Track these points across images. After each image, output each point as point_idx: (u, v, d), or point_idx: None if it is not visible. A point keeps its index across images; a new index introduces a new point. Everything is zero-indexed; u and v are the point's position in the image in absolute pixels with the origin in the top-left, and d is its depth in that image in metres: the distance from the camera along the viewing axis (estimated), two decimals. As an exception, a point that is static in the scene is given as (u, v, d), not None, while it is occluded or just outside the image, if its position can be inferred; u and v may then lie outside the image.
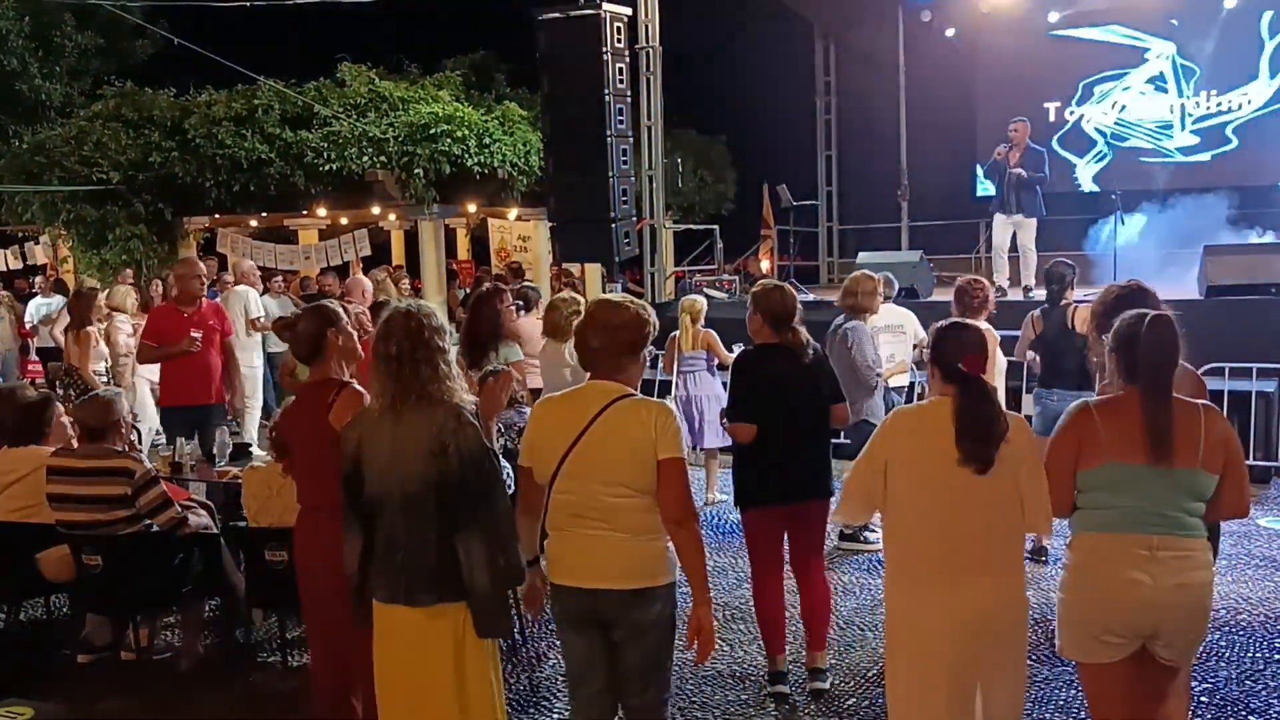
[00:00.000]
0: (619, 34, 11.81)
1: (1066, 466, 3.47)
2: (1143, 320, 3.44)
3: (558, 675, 5.31)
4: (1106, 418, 3.43)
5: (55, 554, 5.36)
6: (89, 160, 16.92)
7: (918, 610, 3.44)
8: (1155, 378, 3.39)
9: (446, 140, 16.22)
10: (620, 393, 3.49)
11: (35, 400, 5.82)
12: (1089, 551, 3.47)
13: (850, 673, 5.27)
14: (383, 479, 3.47)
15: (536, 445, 3.56)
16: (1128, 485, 3.39)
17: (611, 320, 3.54)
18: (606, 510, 3.42)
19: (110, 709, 5.06)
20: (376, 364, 3.51)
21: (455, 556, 3.38)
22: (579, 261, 16.02)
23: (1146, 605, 3.37)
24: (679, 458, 3.42)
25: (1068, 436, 3.49)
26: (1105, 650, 3.44)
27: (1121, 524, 3.40)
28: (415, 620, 3.46)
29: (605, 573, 3.43)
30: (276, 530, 4.99)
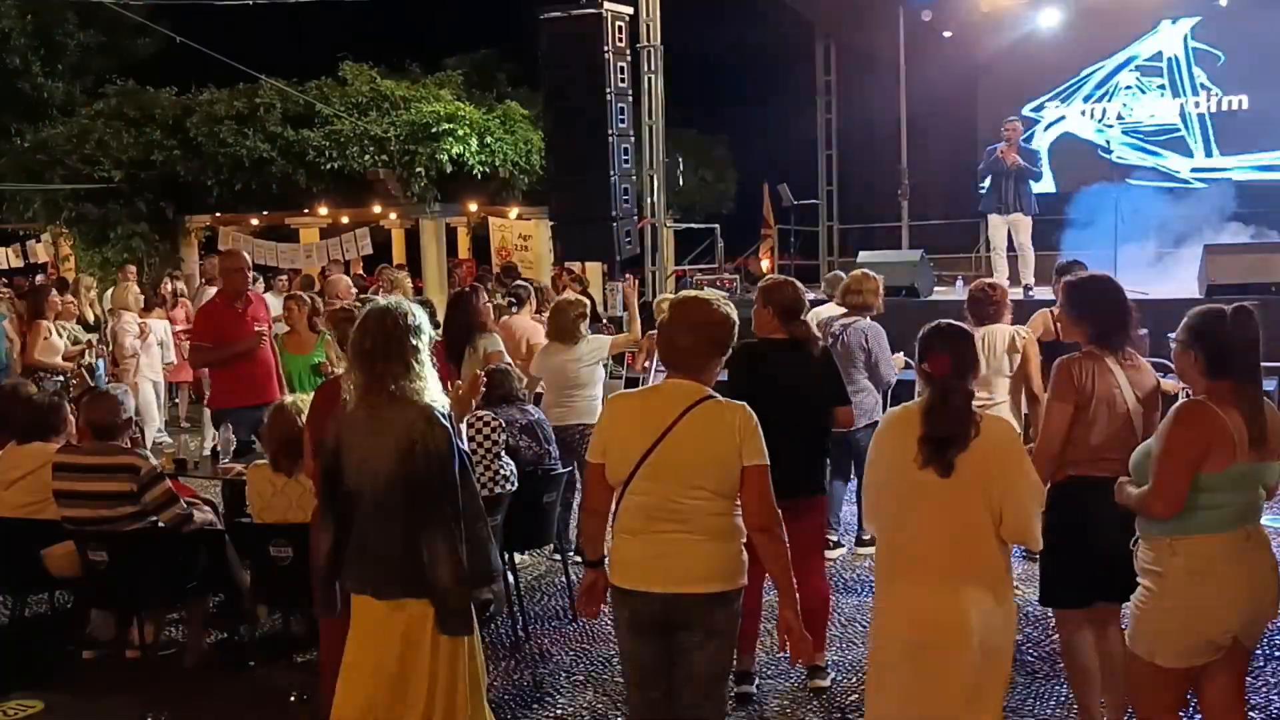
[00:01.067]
0: (620, 33, 11.83)
1: (1191, 467, 3.32)
2: (1223, 314, 3.41)
3: (561, 671, 5.34)
4: (1230, 416, 3.33)
5: (61, 550, 5.37)
6: (91, 158, 16.96)
7: (885, 607, 3.47)
8: (1251, 370, 3.37)
9: (448, 139, 16.26)
10: (702, 394, 3.42)
11: (47, 400, 5.84)
12: (1208, 554, 3.35)
13: (853, 669, 5.28)
14: (358, 474, 3.52)
15: (612, 444, 3.48)
16: (1244, 483, 3.37)
17: (705, 319, 3.48)
18: (687, 513, 3.35)
19: (115, 705, 5.07)
20: (352, 358, 3.56)
21: (420, 553, 3.42)
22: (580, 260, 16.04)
23: (1255, 595, 3.39)
24: (765, 464, 3.37)
25: (1196, 436, 3.33)
26: (1211, 652, 3.40)
27: (1233, 521, 3.37)
28: (379, 612, 3.52)
29: (684, 576, 3.36)
30: (281, 526, 5.01)
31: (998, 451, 3.31)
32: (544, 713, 4.92)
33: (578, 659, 5.49)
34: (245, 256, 7.58)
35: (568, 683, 5.22)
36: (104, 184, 16.98)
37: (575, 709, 4.93)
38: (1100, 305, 4.11)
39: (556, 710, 4.93)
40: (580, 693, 5.10)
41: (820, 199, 17.80)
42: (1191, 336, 3.45)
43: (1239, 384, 3.35)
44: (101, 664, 5.53)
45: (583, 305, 7.00)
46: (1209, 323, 3.42)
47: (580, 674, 5.31)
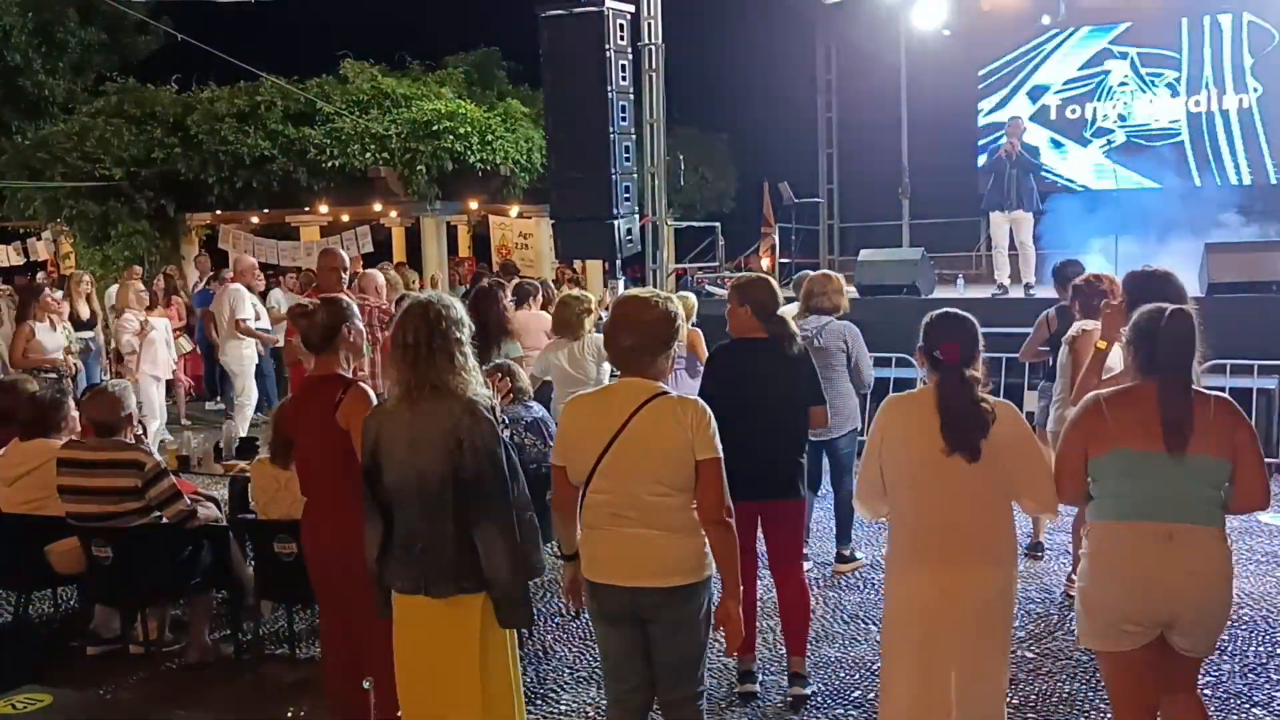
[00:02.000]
0: (622, 31, 11.82)
1: (1077, 455, 3.51)
2: (1162, 314, 3.47)
3: (565, 668, 5.35)
4: (1115, 407, 3.46)
5: (65, 546, 5.39)
6: (91, 156, 16.96)
7: (908, 590, 3.57)
8: (1175, 371, 3.42)
9: (449, 137, 16.26)
10: (654, 390, 3.44)
11: (50, 396, 5.85)
12: (1105, 539, 3.49)
13: (855, 665, 5.31)
14: (400, 470, 3.50)
15: (570, 444, 3.53)
16: (1140, 472, 3.42)
17: (643, 317, 3.50)
18: (645, 509, 3.39)
19: (120, 700, 5.08)
20: (394, 352, 3.53)
21: (473, 548, 3.41)
22: (581, 258, 16.05)
23: (1162, 592, 3.39)
24: (717, 457, 3.39)
25: (1078, 427, 3.53)
26: (1123, 639, 3.46)
27: (1136, 511, 3.43)
28: (435, 610, 3.50)
29: (645, 571, 3.41)
30: (286, 522, 5.02)
31: (1013, 433, 3.49)
32: (548, 709, 4.93)
33: (580, 656, 5.50)
34: (342, 255, 7.43)
35: (571, 679, 5.23)
36: (105, 182, 16.97)
37: (579, 705, 4.95)
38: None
39: (560, 706, 4.95)
40: (583, 689, 5.11)
41: (821, 197, 17.82)
42: (1133, 333, 3.56)
43: (1163, 384, 3.42)
44: (106, 660, 5.54)
45: (586, 300, 7.00)
46: (1147, 323, 3.51)
47: (583, 670, 5.32)
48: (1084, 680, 5.01)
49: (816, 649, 5.48)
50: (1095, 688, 4.91)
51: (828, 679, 5.15)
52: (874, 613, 5.99)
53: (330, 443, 3.97)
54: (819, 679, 5.13)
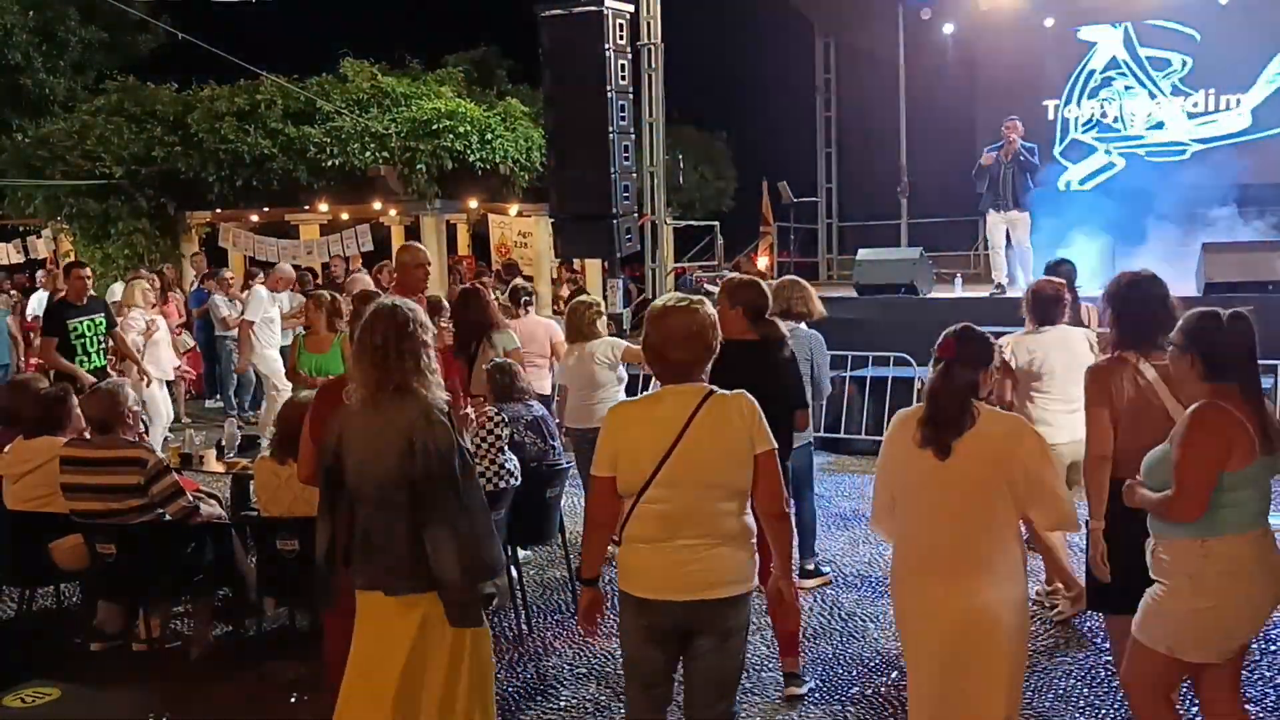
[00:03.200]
0: (621, 31, 11.88)
1: (1215, 469, 3.36)
2: (1219, 318, 3.46)
3: (564, 665, 5.39)
4: (1246, 415, 3.38)
5: (68, 543, 5.42)
6: (92, 154, 16.99)
7: (906, 601, 3.58)
8: (1252, 373, 3.44)
9: (449, 136, 16.29)
10: (704, 391, 3.40)
11: (54, 394, 5.89)
12: (1236, 556, 3.39)
13: (853, 662, 5.35)
14: (360, 471, 3.56)
15: (623, 453, 3.41)
16: (1260, 480, 3.42)
17: (695, 327, 3.43)
18: (706, 518, 3.34)
19: (122, 697, 5.11)
20: (361, 353, 3.57)
21: (424, 549, 3.46)
22: (580, 257, 16.09)
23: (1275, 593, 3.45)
24: (774, 448, 3.39)
25: (1218, 438, 3.37)
26: (1239, 647, 3.48)
27: (1255, 520, 3.43)
28: (389, 607, 3.56)
29: (707, 583, 3.35)
30: (288, 519, 5.06)
31: (1008, 444, 3.39)
32: (548, 705, 4.97)
33: (580, 653, 5.54)
34: (426, 252, 7.08)
35: (571, 676, 5.27)
36: (105, 180, 17.00)
37: (579, 701, 4.98)
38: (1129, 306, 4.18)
39: (560, 703, 4.98)
40: (583, 685, 5.15)
41: (819, 196, 17.87)
42: (1188, 340, 3.49)
43: (1242, 386, 3.41)
44: (109, 656, 5.58)
45: (597, 305, 7.09)
46: (1206, 327, 3.47)
47: (583, 667, 5.36)
48: (1079, 678, 5.06)
49: (814, 646, 5.53)
50: (1090, 684, 4.95)
51: (825, 675, 5.18)
52: (871, 610, 6.03)
53: None
54: (817, 675, 5.17)
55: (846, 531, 7.62)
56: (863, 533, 7.54)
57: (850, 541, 7.38)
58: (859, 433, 10.18)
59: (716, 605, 3.37)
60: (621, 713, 4.83)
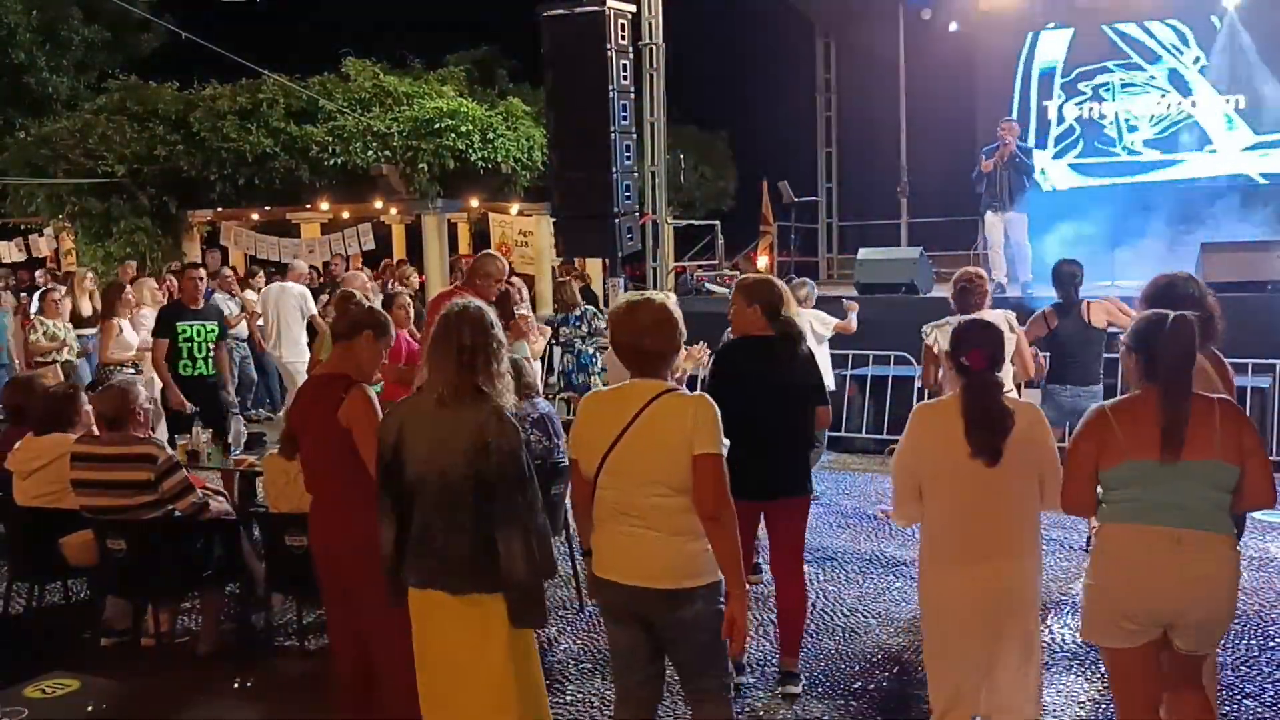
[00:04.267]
0: (623, 31, 11.89)
1: (1087, 468, 3.57)
2: (1163, 321, 3.53)
3: (569, 659, 5.43)
4: (1122, 419, 3.51)
5: (78, 539, 5.47)
6: (94, 153, 17.03)
7: (942, 588, 3.75)
8: (1175, 377, 3.48)
9: (450, 135, 16.33)
10: (662, 388, 3.49)
11: (64, 391, 5.93)
12: (1113, 540, 3.57)
13: (856, 657, 5.40)
14: (422, 468, 3.55)
15: (583, 440, 3.59)
16: (1148, 480, 3.48)
17: (659, 319, 3.53)
18: (645, 509, 3.43)
19: (133, 692, 5.14)
20: (443, 354, 3.54)
21: (490, 548, 3.46)
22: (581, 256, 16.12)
23: (1165, 594, 3.47)
24: (714, 453, 3.40)
25: (1087, 440, 3.58)
26: (1123, 635, 3.55)
27: (1145, 516, 3.48)
28: (451, 606, 3.55)
29: (643, 571, 3.46)
30: (296, 515, 5.10)
31: (1033, 434, 3.64)
32: (553, 699, 4.97)
33: (585, 647, 5.59)
34: (504, 262, 6.96)
35: (576, 670, 5.31)
36: (107, 178, 17.04)
37: (585, 695, 5.03)
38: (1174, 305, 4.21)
39: (566, 697, 5.03)
40: (589, 680, 5.20)
41: (820, 196, 17.90)
42: (1134, 340, 3.60)
43: (1163, 389, 3.48)
44: (117, 651, 5.62)
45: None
46: (1149, 329, 3.56)
47: (588, 662, 5.41)
48: (1079, 673, 5.11)
49: (817, 642, 5.58)
50: (1093, 680, 5.00)
51: (828, 671, 5.23)
52: (873, 606, 6.09)
53: (332, 441, 4.05)
54: (819, 671, 5.22)
55: (848, 529, 7.67)
56: (864, 530, 7.60)
57: (852, 539, 7.43)
58: (860, 431, 10.23)
59: (658, 595, 3.45)
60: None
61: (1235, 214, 13.40)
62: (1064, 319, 6.90)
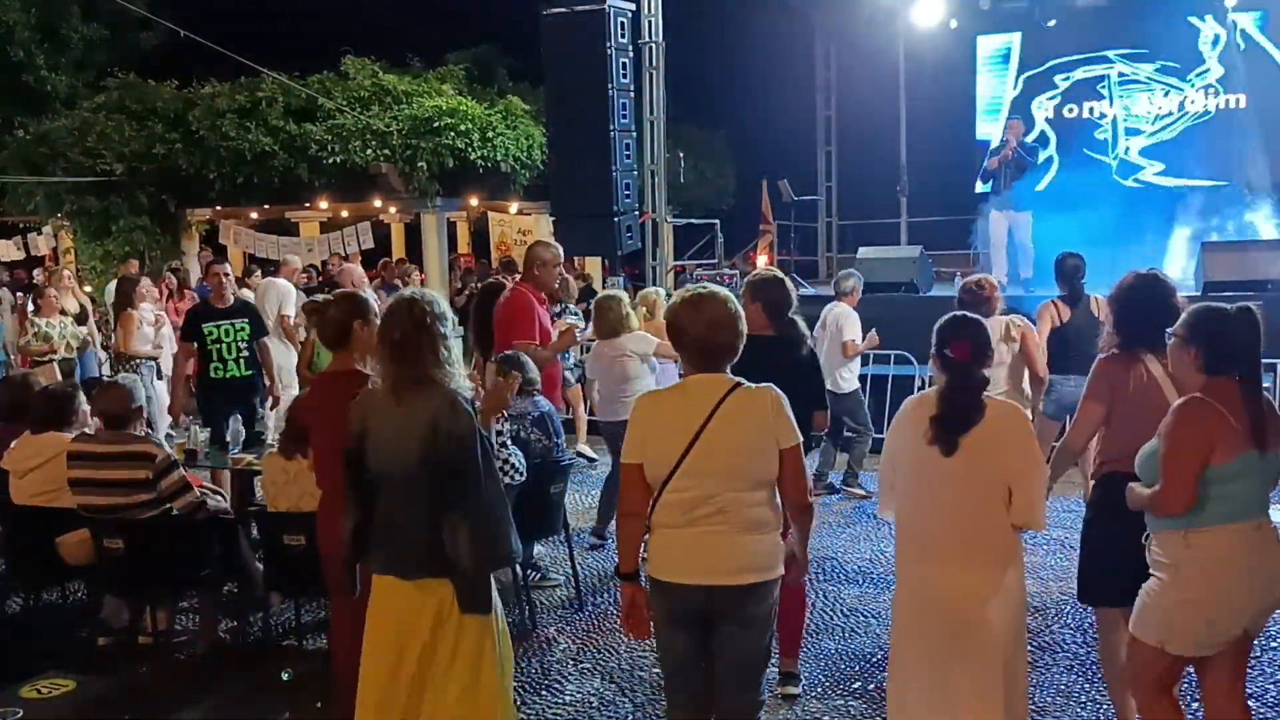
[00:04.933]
0: (623, 29, 11.90)
1: (1198, 461, 3.39)
2: (1225, 312, 3.49)
3: (568, 659, 5.42)
4: (1231, 410, 3.41)
5: (76, 538, 5.44)
6: (93, 151, 17.02)
7: (904, 588, 3.66)
8: (1254, 366, 3.47)
9: (449, 134, 16.31)
10: (731, 383, 3.44)
11: (63, 390, 5.91)
12: (1219, 547, 3.42)
13: (855, 657, 5.39)
14: (384, 458, 3.62)
15: (651, 442, 3.45)
16: (1249, 474, 3.43)
17: (729, 315, 3.49)
18: (725, 505, 3.38)
19: (129, 691, 5.14)
20: (381, 348, 3.65)
21: (441, 534, 3.52)
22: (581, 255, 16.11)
23: (1267, 588, 3.46)
24: (799, 443, 3.44)
25: (1200, 431, 3.40)
26: (1225, 642, 3.48)
27: (1243, 513, 3.43)
28: (405, 591, 3.62)
29: (723, 569, 3.40)
30: (294, 514, 5.09)
31: (1005, 433, 3.49)
32: (552, 700, 5.00)
33: (584, 647, 5.57)
34: (557, 247, 6.76)
35: (575, 670, 5.30)
36: (105, 177, 17.03)
37: (583, 696, 5.02)
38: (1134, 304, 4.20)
39: (564, 697, 5.01)
40: (587, 680, 5.18)
41: (819, 195, 17.88)
42: (1191, 333, 3.52)
43: (1242, 381, 3.44)
44: (115, 650, 5.60)
45: (625, 302, 7.21)
46: (1211, 321, 3.50)
47: (587, 662, 5.39)
48: (1079, 673, 5.09)
49: (817, 641, 5.56)
50: (1091, 680, 4.98)
51: (828, 670, 5.22)
52: (872, 606, 6.07)
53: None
54: (820, 671, 5.21)
55: (848, 528, 7.66)
56: (864, 529, 7.59)
57: (852, 538, 7.42)
58: (860, 430, 10.18)
59: (736, 591, 3.41)
60: (626, 707, 4.88)
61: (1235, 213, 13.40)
62: (1076, 310, 6.93)
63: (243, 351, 7.69)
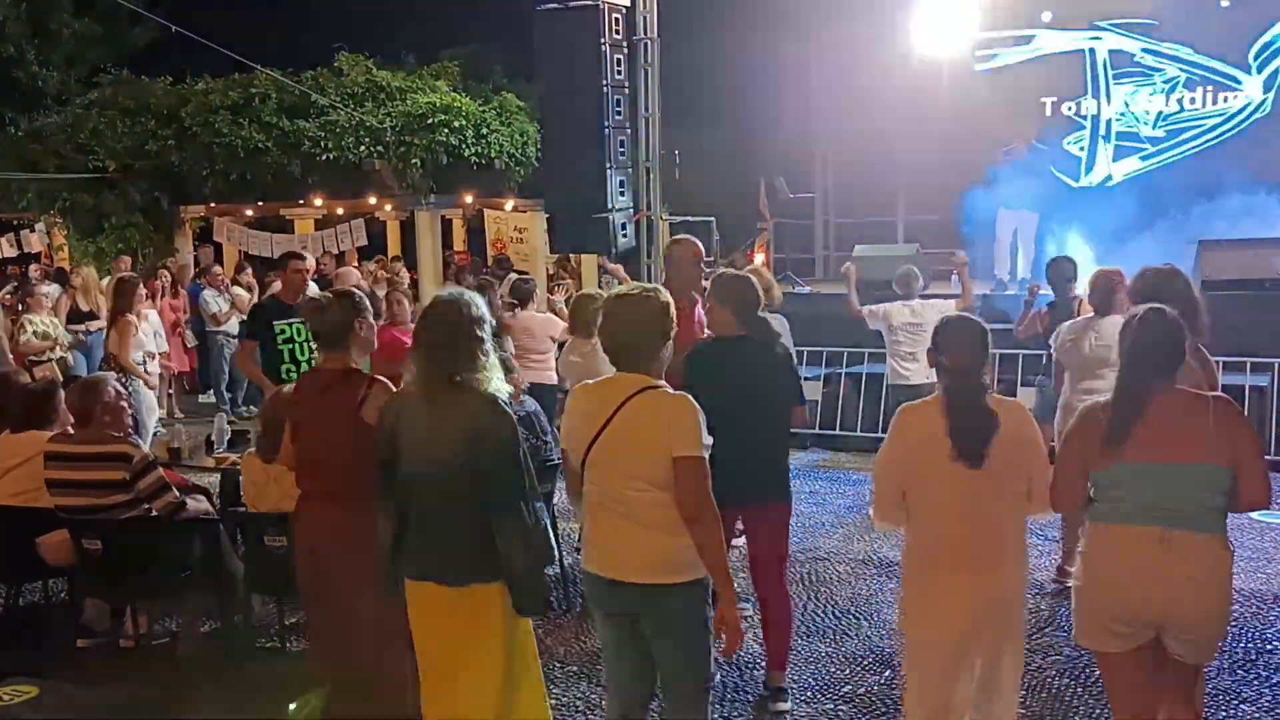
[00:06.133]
0: (617, 26, 11.80)
1: (1078, 465, 3.47)
2: (1132, 319, 3.47)
3: (555, 663, 5.34)
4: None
5: (55, 538, 5.38)
6: (85, 148, 16.93)
7: (929, 597, 3.61)
8: (1137, 373, 3.41)
9: (444, 130, 16.21)
10: (643, 384, 3.46)
11: (40, 388, 5.83)
12: (1100, 541, 3.48)
13: (846, 660, 5.31)
14: (417, 460, 3.57)
15: (570, 431, 3.58)
16: (1139, 481, 3.38)
17: (643, 315, 3.51)
18: (627, 502, 3.41)
19: (110, 693, 5.07)
20: (417, 349, 3.61)
21: (487, 537, 3.49)
22: (575, 253, 16.04)
23: (1155, 597, 3.36)
24: (694, 455, 3.36)
25: (1080, 437, 3.48)
26: (1114, 639, 3.46)
27: (1134, 516, 3.39)
28: (448, 597, 3.56)
29: (625, 565, 3.45)
30: (276, 515, 5.00)
31: (1020, 434, 3.50)
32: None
33: (571, 650, 5.50)
34: (695, 243, 6.30)
35: (561, 674, 5.22)
36: (98, 174, 16.94)
37: (569, 700, 4.95)
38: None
39: (550, 701, 4.89)
40: (574, 684, 5.11)
41: (816, 192, 17.80)
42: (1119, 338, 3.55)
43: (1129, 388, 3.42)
44: (96, 652, 5.53)
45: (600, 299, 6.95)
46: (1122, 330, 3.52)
47: (574, 665, 5.32)
48: (1074, 675, 5.03)
49: (807, 644, 5.50)
50: (1086, 683, 4.92)
51: (818, 673, 5.16)
52: (864, 608, 6.00)
53: (348, 437, 3.95)
54: (810, 673, 5.14)
55: (841, 528, 7.59)
56: (857, 530, 7.51)
57: (844, 538, 7.34)
58: (855, 429, 10.15)
59: (638, 590, 3.43)
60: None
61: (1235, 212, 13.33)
62: (1056, 316, 6.84)
63: (314, 353, 7.34)
